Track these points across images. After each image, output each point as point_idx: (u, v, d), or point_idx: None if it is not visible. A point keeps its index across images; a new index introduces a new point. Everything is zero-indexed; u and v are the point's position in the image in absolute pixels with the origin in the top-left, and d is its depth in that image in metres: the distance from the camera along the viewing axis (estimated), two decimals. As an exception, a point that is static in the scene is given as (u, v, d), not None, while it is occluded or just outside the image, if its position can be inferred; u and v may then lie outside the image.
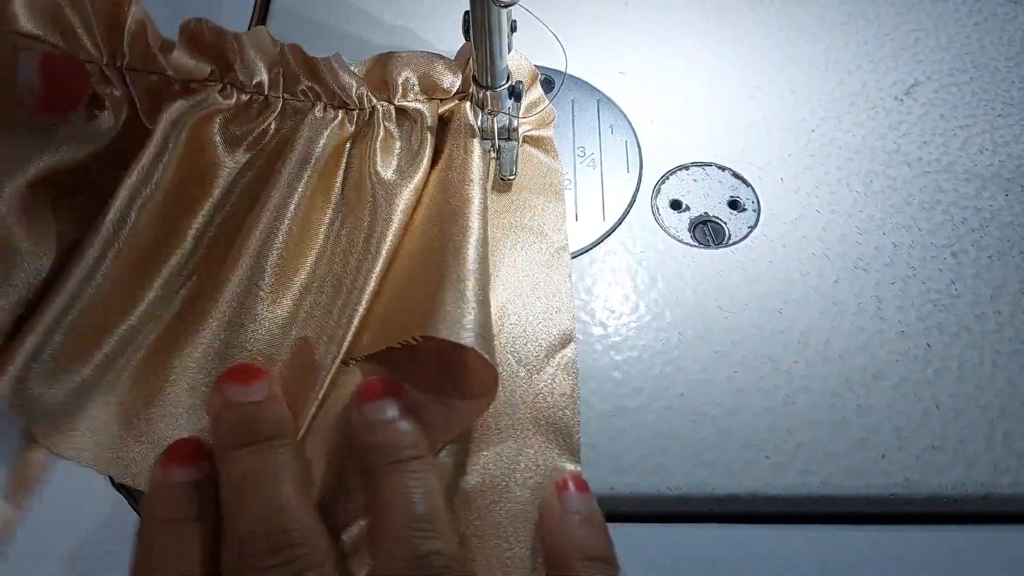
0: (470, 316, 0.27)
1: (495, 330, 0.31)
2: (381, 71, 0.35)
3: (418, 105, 0.35)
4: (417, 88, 0.35)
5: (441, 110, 0.35)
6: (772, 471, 0.29)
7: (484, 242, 0.31)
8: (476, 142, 0.34)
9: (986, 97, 0.40)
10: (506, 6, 0.29)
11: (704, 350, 0.32)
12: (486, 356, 0.26)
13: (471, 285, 0.28)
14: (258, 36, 0.33)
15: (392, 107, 0.35)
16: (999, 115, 0.40)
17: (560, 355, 0.31)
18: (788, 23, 0.44)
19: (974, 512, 0.29)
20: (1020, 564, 0.28)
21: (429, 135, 0.34)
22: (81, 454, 0.29)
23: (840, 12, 0.44)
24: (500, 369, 0.30)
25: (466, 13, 0.30)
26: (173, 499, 0.26)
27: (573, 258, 0.35)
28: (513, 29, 0.32)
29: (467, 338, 0.26)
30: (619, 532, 0.28)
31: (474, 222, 0.31)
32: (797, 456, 0.30)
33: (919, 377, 0.31)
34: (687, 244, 0.35)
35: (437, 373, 0.30)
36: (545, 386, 0.31)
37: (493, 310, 0.32)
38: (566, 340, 0.32)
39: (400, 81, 0.34)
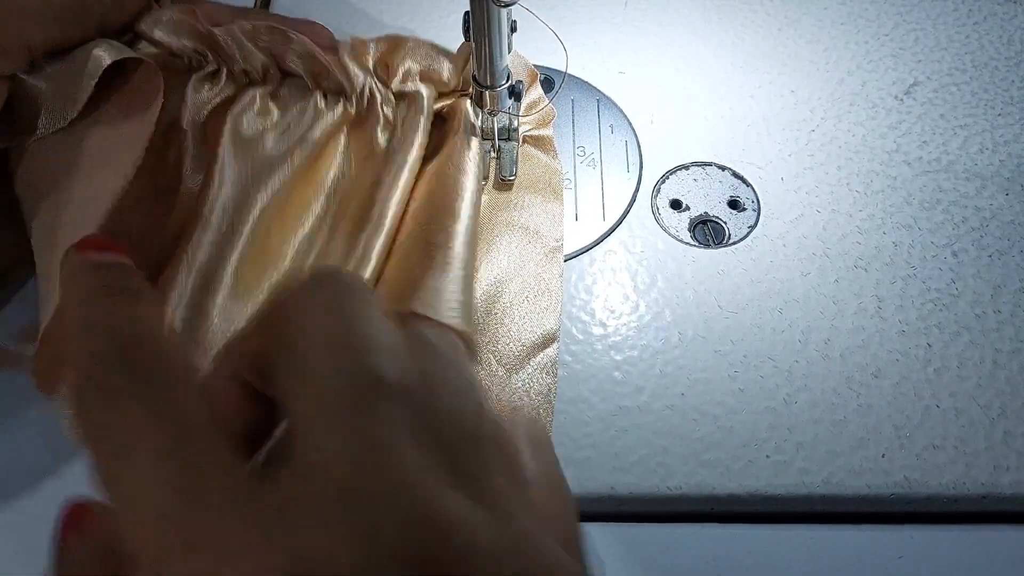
0: (455, 298, 0.28)
1: (480, 327, 0.32)
2: (390, 54, 0.35)
3: (418, 87, 0.35)
4: (417, 78, 0.35)
5: (440, 105, 0.35)
6: (772, 470, 0.29)
7: (472, 231, 0.31)
8: (475, 140, 0.34)
9: (986, 97, 0.40)
10: (506, 6, 0.29)
11: (704, 349, 0.32)
12: (469, 333, 0.27)
13: (456, 269, 0.29)
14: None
15: (390, 92, 0.35)
16: (999, 115, 0.40)
17: (542, 355, 0.31)
18: (788, 23, 0.44)
19: (974, 512, 0.29)
20: (1020, 564, 0.28)
21: (427, 105, 0.34)
22: None
23: (840, 12, 0.44)
24: (479, 368, 0.31)
25: (466, 13, 0.30)
26: (95, 275, 0.19)
27: (573, 258, 0.35)
28: (513, 29, 0.32)
29: (453, 319, 0.27)
30: (619, 532, 0.28)
31: (464, 212, 0.31)
32: (797, 455, 0.30)
33: (919, 376, 0.31)
34: (687, 244, 0.35)
35: None
36: (522, 385, 0.31)
37: (479, 306, 0.32)
38: (549, 340, 0.32)
39: (402, 69, 0.34)
